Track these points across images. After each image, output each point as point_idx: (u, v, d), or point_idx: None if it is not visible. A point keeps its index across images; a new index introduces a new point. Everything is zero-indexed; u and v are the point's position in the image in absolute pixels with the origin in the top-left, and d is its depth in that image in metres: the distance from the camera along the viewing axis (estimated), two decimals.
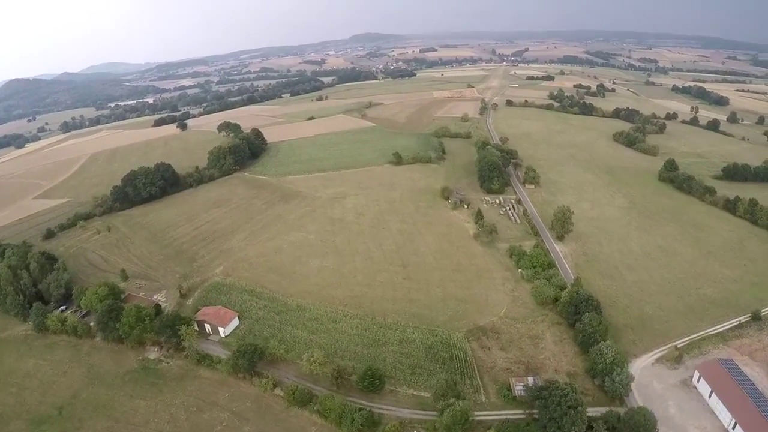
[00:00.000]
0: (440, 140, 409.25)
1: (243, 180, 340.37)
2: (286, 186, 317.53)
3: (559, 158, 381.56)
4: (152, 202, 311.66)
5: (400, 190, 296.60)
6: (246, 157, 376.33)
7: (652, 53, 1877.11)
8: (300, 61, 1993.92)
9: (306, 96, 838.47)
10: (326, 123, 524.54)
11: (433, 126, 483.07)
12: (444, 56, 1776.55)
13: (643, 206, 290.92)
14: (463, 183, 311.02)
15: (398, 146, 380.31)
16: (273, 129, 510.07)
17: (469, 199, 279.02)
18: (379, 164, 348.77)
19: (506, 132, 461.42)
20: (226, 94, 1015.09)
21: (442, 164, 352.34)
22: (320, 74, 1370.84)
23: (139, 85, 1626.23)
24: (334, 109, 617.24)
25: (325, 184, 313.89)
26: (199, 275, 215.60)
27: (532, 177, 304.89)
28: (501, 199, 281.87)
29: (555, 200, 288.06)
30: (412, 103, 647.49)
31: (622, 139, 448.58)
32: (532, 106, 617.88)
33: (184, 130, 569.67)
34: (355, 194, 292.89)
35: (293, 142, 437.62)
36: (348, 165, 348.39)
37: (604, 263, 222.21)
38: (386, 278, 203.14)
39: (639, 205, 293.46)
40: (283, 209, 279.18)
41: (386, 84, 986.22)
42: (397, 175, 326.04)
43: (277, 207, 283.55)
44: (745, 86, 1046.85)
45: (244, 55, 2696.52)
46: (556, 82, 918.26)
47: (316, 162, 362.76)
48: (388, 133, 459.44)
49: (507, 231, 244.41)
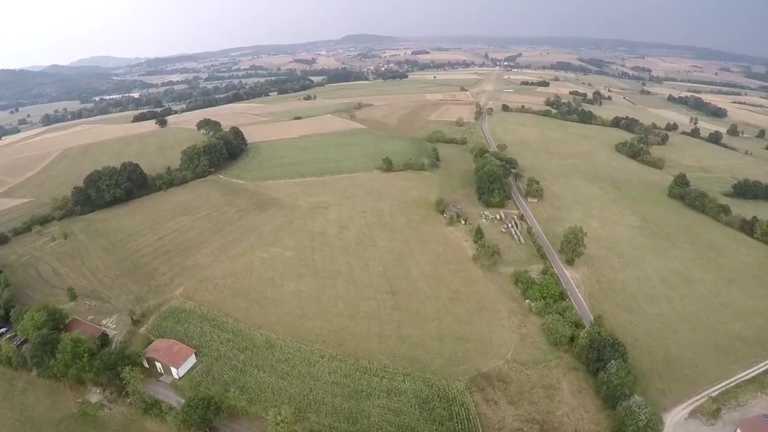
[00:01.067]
0: (434, 146, 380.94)
1: (217, 184, 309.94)
2: (263, 192, 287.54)
3: (561, 169, 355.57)
4: (117, 206, 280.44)
5: (389, 200, 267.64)
6: (223, 158, 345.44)
7: (645, 62, 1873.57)
8: (290, 60, 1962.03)
9: (294, 95, 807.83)
10: (312, 123, 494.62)
11: (426, 130, 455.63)
12: (436, 59, 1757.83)
13: (655, 225, 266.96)
14: (460, 194, 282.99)
15: (388, 151, 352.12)
16: (256, 128, 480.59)
17: (467, 213, 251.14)
18: (367, 170, 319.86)
19: (503, 138, 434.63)
20: (212, 91, 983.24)
21: (436, 172, 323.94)
22: (310, 73, 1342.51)
23: (125, 79, 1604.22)
24: (321, 109, 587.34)
25: (307, 192, 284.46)
26: (156, 297, 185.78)
27: (535, 190, 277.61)
28: (502, 213, 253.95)
29: (561, 216, 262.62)
30: (404, 105, 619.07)
31: (625, 149, 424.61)
32: (528, 112, 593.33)
33: (163, 127, 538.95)
34: (339, 204, 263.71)
35: (276, 143, 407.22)
36: (333, 170, 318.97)
37: (621, 293, 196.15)
38: (372, 308, 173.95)
39: (651, 224, 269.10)
40: (258, 219, 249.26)
41: (377, 85, 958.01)
42: (387, 183, 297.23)
43: (252, 216, 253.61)
44: (741, 98, 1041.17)
45: (234, 52, 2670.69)
46: (552, 88, 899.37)
47: (299, 166, 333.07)
48: (378, 136, 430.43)
49: (510, 252, 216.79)
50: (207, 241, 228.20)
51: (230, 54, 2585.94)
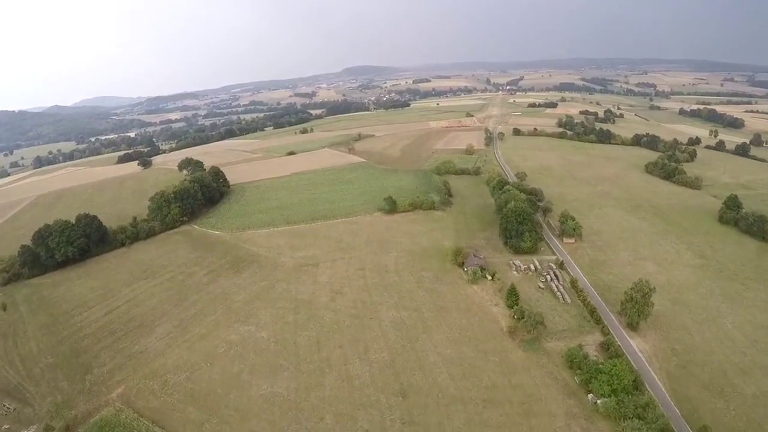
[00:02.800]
0: (443, 178, 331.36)
1: (189, 236, 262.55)
2: (241, 246, 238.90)
3: (592, 197, 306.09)
4: (70, 267, 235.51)
5: (395, 251, 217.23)
6: (198, 205, 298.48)
7: (649, 78, 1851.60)
8: (290, 94, 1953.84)
9: (290, 129, 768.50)
10: (307, 159, 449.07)
11: (434, 160, 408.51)
12: (438, 87, 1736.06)
13: (717, 262, 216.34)
14: (481, 239, 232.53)
15: (391, 187, 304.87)
16: (244, 166, 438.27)
17: (493, 263, 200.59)
18: (366, 213, 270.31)
19: (521, 165, 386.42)
20: (208, 128, 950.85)
21: (448, 211, 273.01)
22: (310, 107, 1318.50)
23: (124, 118, 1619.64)
24: (318, 143, 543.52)
25: (294, 244, 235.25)
26: (87, 400, 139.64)
27: (572, 228, 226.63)
28: (536, 262, 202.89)
29: (607, 260, 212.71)
30: (407, 134, 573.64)
31: (656, 170, 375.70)
32: (542, 135, 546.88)
33: (146, 168, 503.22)
34: (331, 260, 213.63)
35: (263, 184, 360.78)
36: (326, 214, 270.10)
37: (705, 367, 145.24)
38: (374, 421, 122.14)
39: (712, 260, 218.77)
40: (230, 284, 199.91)
41: (378, 115, 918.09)
42: (391, 228, 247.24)
43: (224, 280, 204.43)
44: (753, 107, 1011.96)
45: (235, 89, 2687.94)
46: (560, 108, 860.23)
47: (286, 210, 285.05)
48: (380, 170, 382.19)
49: (555, 317, 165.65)
50: (164, 316, 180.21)
51: (231, 91, 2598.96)
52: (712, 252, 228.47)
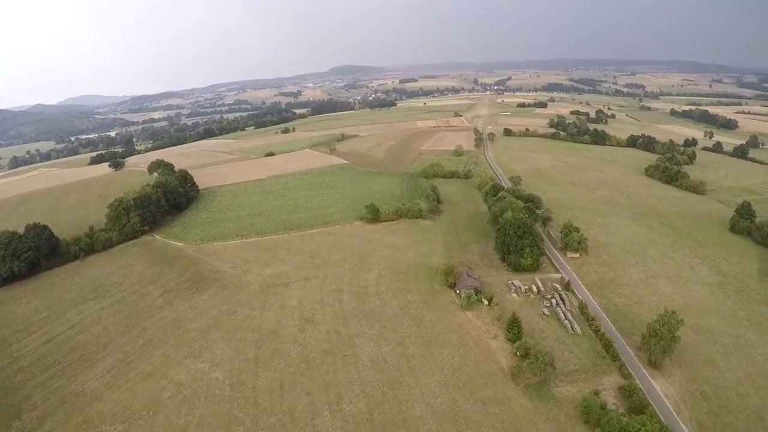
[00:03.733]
0: (431, 182, 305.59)
1: (148, 249, 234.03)
2: (204, 261, 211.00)
3: (593, 204, 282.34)
4: (17, 284, 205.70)
5: (376, 268, 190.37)
6: (161, 212, 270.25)
7: (637, 79, 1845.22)
8: (276, 93, 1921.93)
9: (272, 128, 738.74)
10: (286, 160, 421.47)
11: (420, 163, 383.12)
12: (425, 86, 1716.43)
13: (736, 279, 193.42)
14: (474, 253, 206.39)
15: (375, 192, 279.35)
16: (218, 168, 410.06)
17: (489, 284, 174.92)
18: (346, 221, 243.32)
19: (514, 168, 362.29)
20: (190, 128, 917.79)
21: (437, 220, 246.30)
22: (295, 106, 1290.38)
23: (107, 117, 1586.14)
24: (300, 143, 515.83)
25: (263, 258, 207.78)
26: None
27: (576, 241, 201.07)
28: (538, 282, 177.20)
29: (617, 278, 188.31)
30: (393, 134, 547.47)
31: (658, 173, 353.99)
32: (534, 136, 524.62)
33: (117, 170, 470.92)
34: (304, 278, 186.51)
35: (237, 188, 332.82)
36: (302, 224, 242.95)
37: (740, 413, 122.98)
38: None
39: (731, 277, 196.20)
40: (186, 308, 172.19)
41: (363, 114, 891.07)
42: (373, 240, 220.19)
43: (180, 302, 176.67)
44: (744, 108, 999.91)
45: (221, 88, 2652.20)
46: (550, 109, 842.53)
47: (258, 218, 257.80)
48: (362, 173, 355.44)
49: (564, 352, 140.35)
50: (109, 347, 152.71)
51: (217, 90, 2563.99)
52: (728, 267, 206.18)
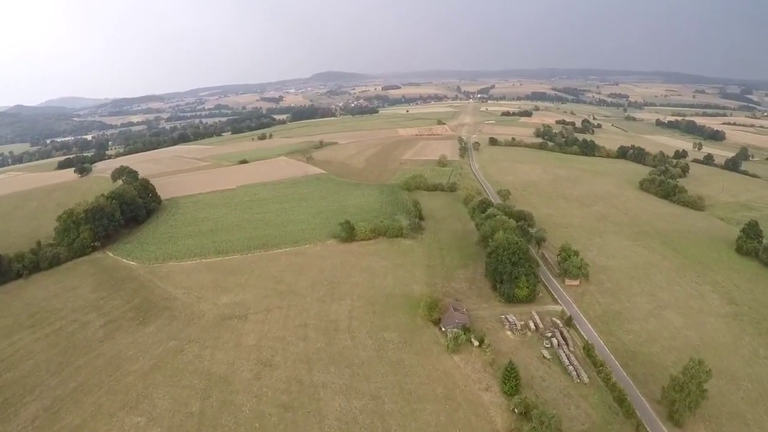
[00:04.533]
0: (413, 196, 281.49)
1: (98, 267, 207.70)
2: (156, 285, 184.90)
3: (589, 221, 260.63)
4: None
5: (349, 298, 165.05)
6: (116, 226, 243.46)
7: (620, 89, 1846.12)
8: (257, 98, 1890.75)
9: (249, 134, 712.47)
10: (259, 169, 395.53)
11: (402, 173, 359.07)
12: (407, 93, 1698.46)
13: (750, 308, 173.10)
14: (461, 279, 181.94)
15: (351, 206, 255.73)
16: (187, 176, 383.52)
17: (479, 318, 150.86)
18: (318, 240, 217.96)
19: (502, 180, 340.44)
20: (168, 132, 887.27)
21: (419, 239, 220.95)
22: (276, 111, 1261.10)
23: (85, 120, 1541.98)
24: (276, 150, 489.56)
25: (221, 283, 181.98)
26: None
27: (577, 266, 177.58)
28: (536, 317, 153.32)
29: (623, 311, 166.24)
30: (374, 142, 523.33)
31: (653, 188, 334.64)
32: (521, 146, 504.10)
33: (83, 176, 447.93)
34: (266, 309, 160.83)
35: (203, 198, 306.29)
36: (268, 242, 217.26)
37: None
38: None
39: (743, 306, 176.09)
40: (129, 343, 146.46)
41: (344, 121, 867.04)
42: (347, 263, 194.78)
43: (123, 335, 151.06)
44: (729, 119, 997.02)
45: (203, 92, 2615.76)
46: (535, 118, 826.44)
47: (221, 235, 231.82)
48: (339, 184, 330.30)
49: (571, 406, 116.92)
50: (36, 389, 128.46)
51: (199, 94, 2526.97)
52: (740, 294, 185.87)
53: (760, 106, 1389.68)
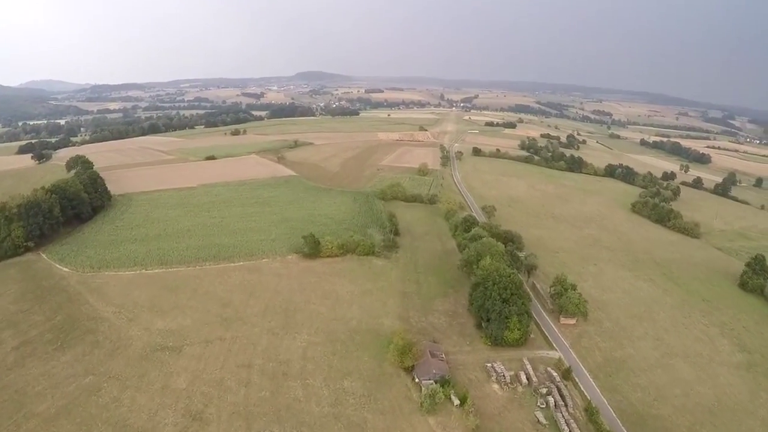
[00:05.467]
0: (390, 207, 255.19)
1: (26, 273, 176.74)
2: (85, 299, 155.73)
3: (581, 246, 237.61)
4: None
5: (306, 332, 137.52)
6: (54, 224, 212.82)
7: (604, 106, 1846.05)
8: (238, 93, 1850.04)
9: (222, 128, 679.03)
10: (226, 166, 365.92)
11: (378, 180, 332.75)
12: (390, 98, 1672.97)
13: (763, 356, 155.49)
14: (440, 311, 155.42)
15: (320, 215, 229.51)
16: (147, 171, 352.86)
17: (460, 365, 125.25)
18: (277, 254, 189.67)
19: (486, 194, 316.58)
20: (143, 121, 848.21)
21: (393, 259, 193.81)
22: (256, 107, 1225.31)
23: (61, 104, 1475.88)
24: (247, 147, 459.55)
25: (159, 303, 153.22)
26: None
27: (575, 303, 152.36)
28: (528, 366, 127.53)
29: (627, 358, 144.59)
30: (352, 145, 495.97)
31: (646, 211, 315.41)
32: (505, 158, 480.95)
33: (40, 163, 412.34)
34: (205, 340, 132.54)
35: (159, 196, 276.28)
36: (220, 253, 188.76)
37: None
38: None
39: (757, 354, 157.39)
40: (40, 373, 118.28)
41: (323, 121, 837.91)
42: (307, 285, 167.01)
43: (36, 363, 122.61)
44: (713, 143, 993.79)
45: (184, 84, 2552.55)
46: (520, 130, 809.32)
47: (170, 241, 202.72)
48: (310, 188, 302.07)
49: None
50: None
51: (180, 85, 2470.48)
52: (751, 339, 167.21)
53: (742, 132, 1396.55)
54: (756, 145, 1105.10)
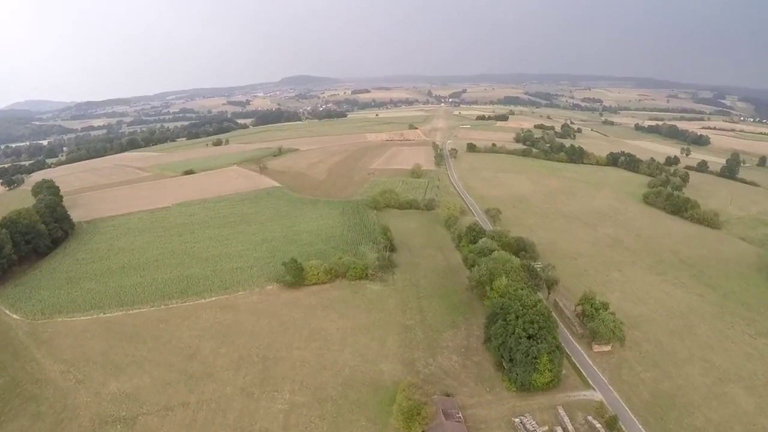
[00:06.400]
0: (382, 215, 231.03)
1: None
2: (32, 354, 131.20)
3: (599, 249, 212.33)
4: None
5: (288, 389, 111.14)
6: (6, 263, 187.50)
7: (593, 93, 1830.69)
8: (224, 102, 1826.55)
9: (206, 139, 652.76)
10: (204, 181, 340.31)
11: (370, 186, 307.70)
12: (378, 97, 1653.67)
13: None
14: (451, 349, 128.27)
15: (305, 232, 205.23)
16: (119, 192, 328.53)
17: (480, 422, 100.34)
18: (255, 285, 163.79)
19: (486, 195, 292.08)
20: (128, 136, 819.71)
21: (391, 282, 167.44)
22: (242, 115, 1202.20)
23: (45, 124, 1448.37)
24: (230, 158, 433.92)
25: (115, 356, 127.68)
26: None
27: (610, 327, 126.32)
28: (564, 418, 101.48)
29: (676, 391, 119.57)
30: (339, 149, 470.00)
31: (659, 201, 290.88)
32: (502, 152, 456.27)
33: (11, 188, 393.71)
34: (165, 407, 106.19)
35: (128, 221, 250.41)
36: (189, 287, 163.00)
37: None
38: None
39: None
40: None
41: (309, 125, 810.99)
42: (290, 324, 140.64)
43: None
44: (708, 123, 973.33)
45: (170, 96, 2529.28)
46: (512, 122, 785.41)
47: (134, 276, 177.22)
48: (294, 201, 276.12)
49: None
50: None
51: (166, 98, 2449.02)
52: None
53: (734, 111, 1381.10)
54: (751, 123, 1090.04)
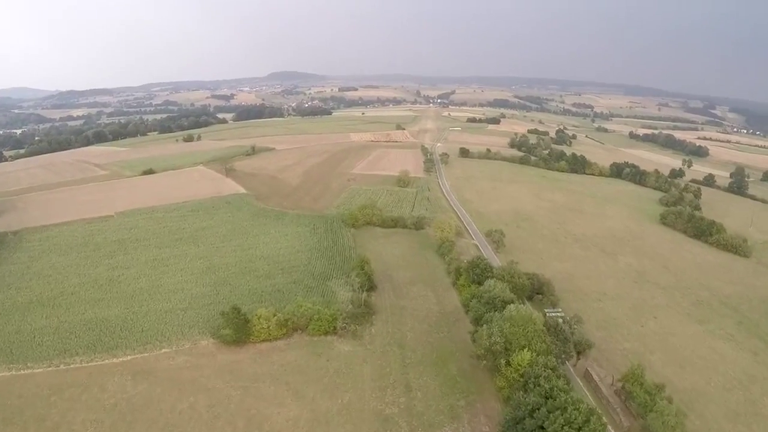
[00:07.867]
0: (361, 235, 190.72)
1: None
2: None
3: (626, 286, 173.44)
4: None
5: None
6: None
7: (584, 99, 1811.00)
8: (208, 95, 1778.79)
9: (176, 134, 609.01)
10: (162, 183, 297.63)
11: (348, 196, 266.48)
12: (365, 96, 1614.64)
13: None
14: None
15: (262, 257, 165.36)
16: (63, 194, 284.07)
17: None
18: (185, 339, 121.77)
19: (484, 210, 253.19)
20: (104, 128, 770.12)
21: (366, 339, 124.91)
22: (224, 110, 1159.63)
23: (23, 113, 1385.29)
24: (197, 156, 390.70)
25: None
26: None
27: (671, 423, 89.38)
28: None
29: None
30: (319, 149, 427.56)
31: (680, 223, 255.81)
32: (497, 158, 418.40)
33: None
34: None
35: (59, 233, 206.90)
36: (100, 339, 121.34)
37: None
38: None
39: None
40: None
41: (290, 122, 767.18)
42: (224, 408, 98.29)
43: None
44: (702, 134, 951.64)
45: (155, 87, 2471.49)
46: (504, 125, 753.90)
47: (35, 317, 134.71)
48: (258, 212, 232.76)
49: None
50: None
51: (151, 89, 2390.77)
52: None
53: (726, 122, 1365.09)
54: (745, 135, 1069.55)
